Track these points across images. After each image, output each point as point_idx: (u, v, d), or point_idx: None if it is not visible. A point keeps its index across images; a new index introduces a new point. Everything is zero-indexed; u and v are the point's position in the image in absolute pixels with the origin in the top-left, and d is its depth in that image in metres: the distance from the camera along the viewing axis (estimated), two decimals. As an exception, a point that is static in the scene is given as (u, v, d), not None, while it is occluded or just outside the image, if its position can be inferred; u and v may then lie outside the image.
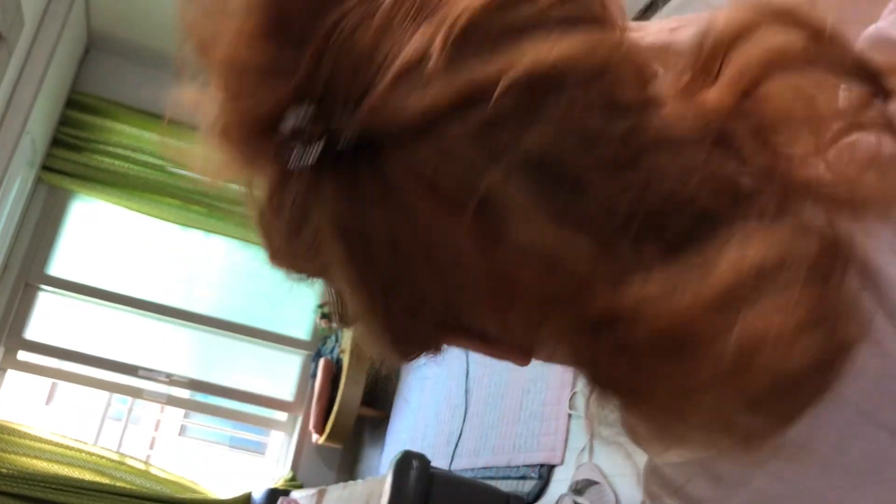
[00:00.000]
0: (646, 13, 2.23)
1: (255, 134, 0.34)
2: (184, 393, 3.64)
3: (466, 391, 2.60)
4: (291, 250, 0.37)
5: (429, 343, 0.39)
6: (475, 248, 0.34)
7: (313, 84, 0.33)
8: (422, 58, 0.32)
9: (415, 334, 0.38)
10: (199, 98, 0.35)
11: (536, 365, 0.42)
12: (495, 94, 0.31)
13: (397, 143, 0.32)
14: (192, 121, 0.35)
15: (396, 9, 0.32)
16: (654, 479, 0.45)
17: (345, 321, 0.40)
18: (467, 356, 2.66)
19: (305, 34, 0.33)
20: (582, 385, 0.39)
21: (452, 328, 0.38)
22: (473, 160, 0.32)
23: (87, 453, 3.16)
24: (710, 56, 0.35)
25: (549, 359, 0.41)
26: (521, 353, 0.40)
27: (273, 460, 3.70)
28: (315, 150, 0.33)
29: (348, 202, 0.34)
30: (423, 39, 0.32)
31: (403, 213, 0.33)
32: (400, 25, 0.32)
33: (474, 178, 0.32)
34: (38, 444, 3.09)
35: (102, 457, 3.20)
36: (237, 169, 0.36)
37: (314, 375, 3.46)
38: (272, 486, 3.26)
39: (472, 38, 0.32)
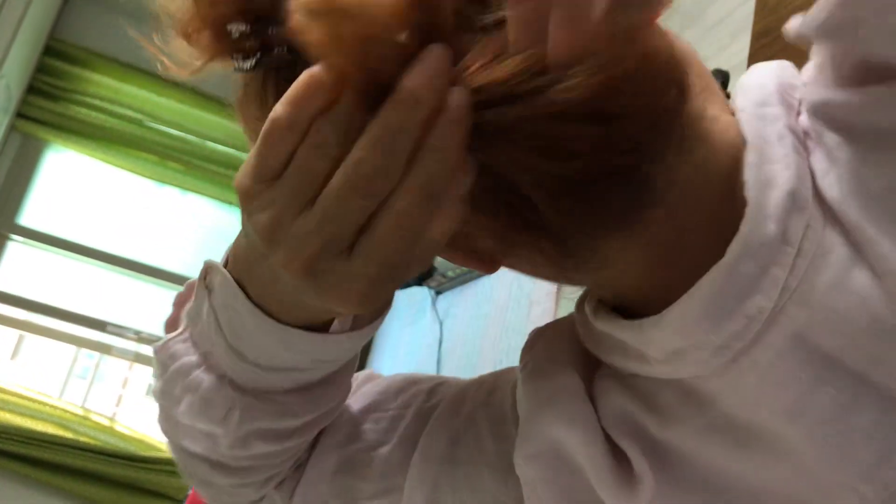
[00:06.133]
0: None
1: (212, 39, 0.37)
2: (152, 351, 3.60)
3: (438, 361, 2.60)
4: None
5: None
6: None
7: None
8: None
9: None
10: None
11: (511, 335, 0.41)
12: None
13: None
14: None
15: None
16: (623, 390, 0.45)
17: None
18: (441, 327, 2.65)
19: None
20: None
21: None
22: None
23: (52, 406, 3.13)
24: None
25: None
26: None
27: (240, 423, 3.68)
28: (252, 60, 0.36)
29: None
30: None
31: None
32: None
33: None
34: (0, 396, 3.05)
35: (66, 411, 3.16)
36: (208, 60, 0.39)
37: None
38: (238, 448, 3.24)
39: None
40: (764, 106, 0.38)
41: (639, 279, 0.39)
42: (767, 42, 0.36)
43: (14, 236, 3.31)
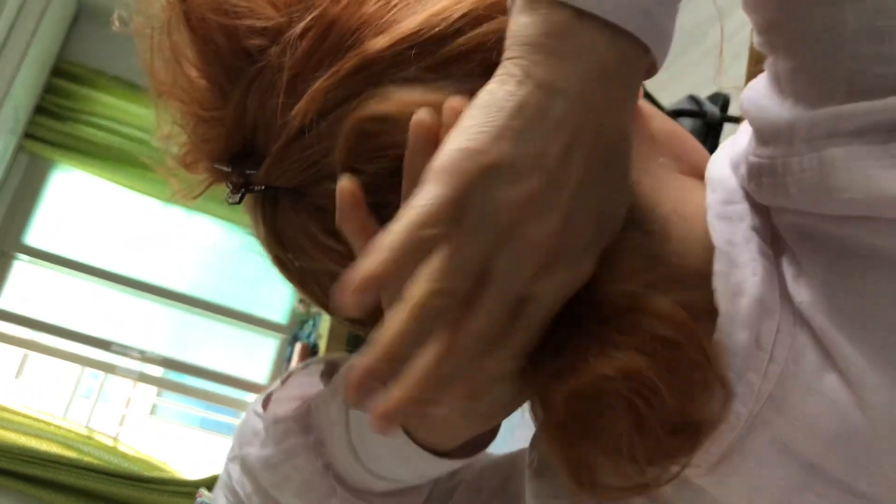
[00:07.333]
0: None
1: (207, 170, 0.44)
2: (157, 371, 3.60)
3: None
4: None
5: None
6: None
7: (234, 138, 0.41)
8: (301, 128, 0.38)
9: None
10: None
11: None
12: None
13: (289, 195, 0.41)
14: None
15: (301, 65, 0.39)
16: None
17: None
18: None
19: (231, 88, 0.41)
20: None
21: None
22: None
23: (55, 426, 3.12)
24: None
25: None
26: None
27: (244, 443, 3.67)
28: (239, 194, 0.42)
29: (267, 228, 0.43)
30: (305, 107, 0.38)
31: (301, 248, 0.42)
32: (300, 84, 0.39)
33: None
34: (4, 415, 3.05)
35: (70, 430, 3.16)
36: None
37: (290, 359, 3.44)
38: (241, 468, 3.23)
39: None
40: (729, 204, 0.39)
41: None
42: (762, 69, 0.36)
43: (20, 255, 3.32)
